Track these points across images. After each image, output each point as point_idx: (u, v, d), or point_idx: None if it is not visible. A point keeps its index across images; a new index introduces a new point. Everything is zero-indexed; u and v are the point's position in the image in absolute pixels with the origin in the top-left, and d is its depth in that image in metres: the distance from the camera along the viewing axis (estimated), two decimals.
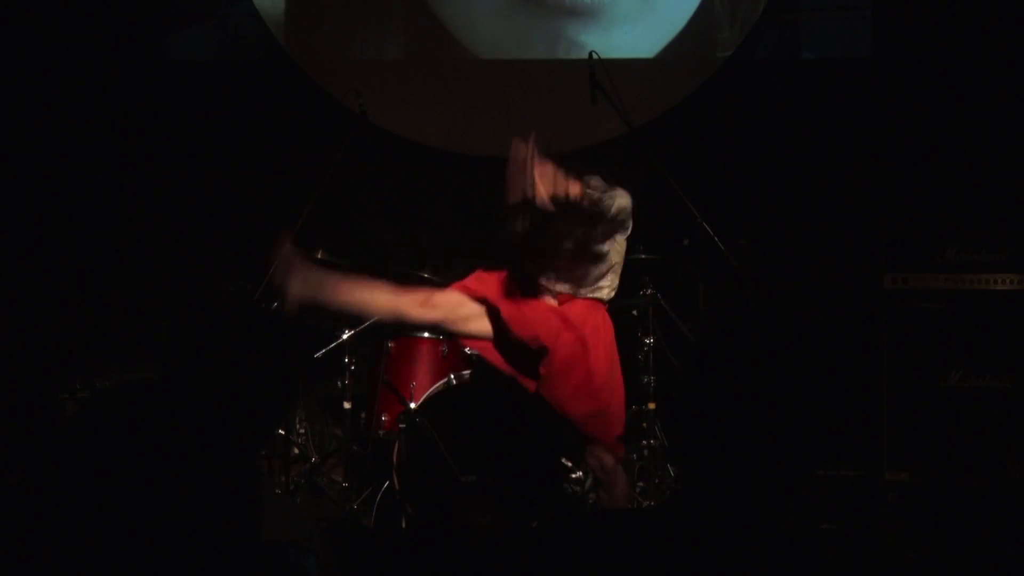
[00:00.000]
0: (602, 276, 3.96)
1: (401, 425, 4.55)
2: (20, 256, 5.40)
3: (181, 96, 5.82)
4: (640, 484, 4.87)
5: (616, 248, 3.95)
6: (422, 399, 4.65)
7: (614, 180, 3.91)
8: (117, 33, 5.79)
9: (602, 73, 4.45)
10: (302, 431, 5.32)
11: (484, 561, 1.91)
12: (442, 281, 4.87)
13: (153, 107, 5.82)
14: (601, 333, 3.92)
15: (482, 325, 3.91)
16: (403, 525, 4.34)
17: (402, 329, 4.79)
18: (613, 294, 4.02)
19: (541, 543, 1.52)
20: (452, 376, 4.65)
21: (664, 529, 1.47)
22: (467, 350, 4.64)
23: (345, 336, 4.87)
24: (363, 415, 4.88)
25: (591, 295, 3.96)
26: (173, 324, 5.20)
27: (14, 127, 5.55)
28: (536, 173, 3.36)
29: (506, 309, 3.83)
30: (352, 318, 4.94)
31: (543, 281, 3.93)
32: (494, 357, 3.95)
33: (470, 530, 1.95)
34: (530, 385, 3.91)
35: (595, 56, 4.44)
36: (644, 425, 4.91)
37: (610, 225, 3.73)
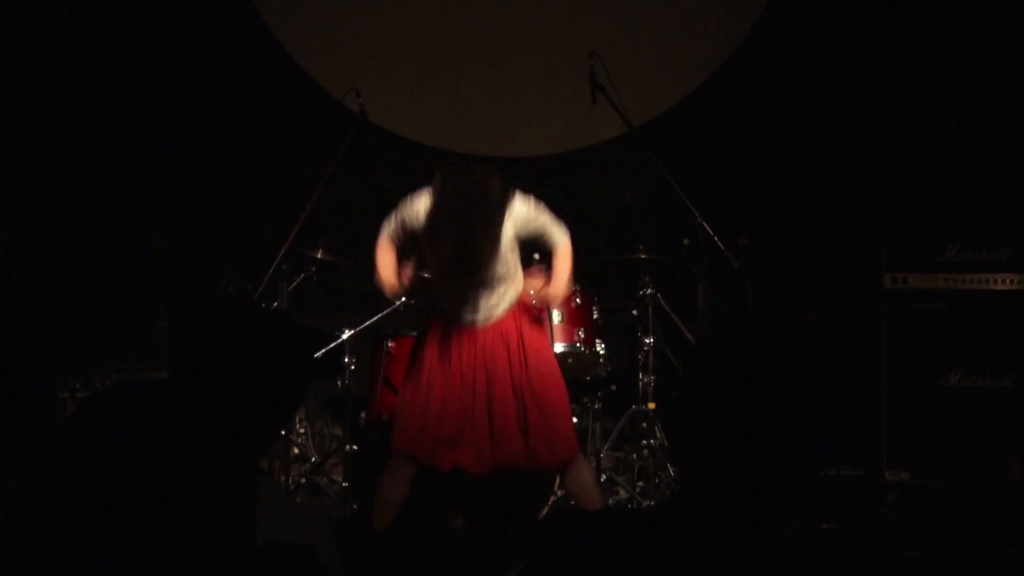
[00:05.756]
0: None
1: None
2: (20, 256, 5.40)
3: (181, 96, 5.82)
4: (640, 484, 4.87)
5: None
6: None
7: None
8: (116, 33, 5.79)
9: (602, 73, 4.45)
10: (302, 431, 5.32)
11: (459, 564, 1.90)
12: None
13: (153, 107, 5.82)
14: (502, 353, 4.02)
15: None
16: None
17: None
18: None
19: (540, 541, 1.52)
20: None
21: (664, 529, 1.47)
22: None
23: (345, 336, 4.87)
24: (363, 415, 4.88)
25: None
26: (176, 325, 5.20)
27: (14, 127, 5.55)
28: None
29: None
30: (352, 318, 4.95)
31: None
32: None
33: (444, 532, 1.94)
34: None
35: (595, 56, 4.44)
36: (644, 425, 4.90)
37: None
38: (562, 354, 4.65)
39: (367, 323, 4.92)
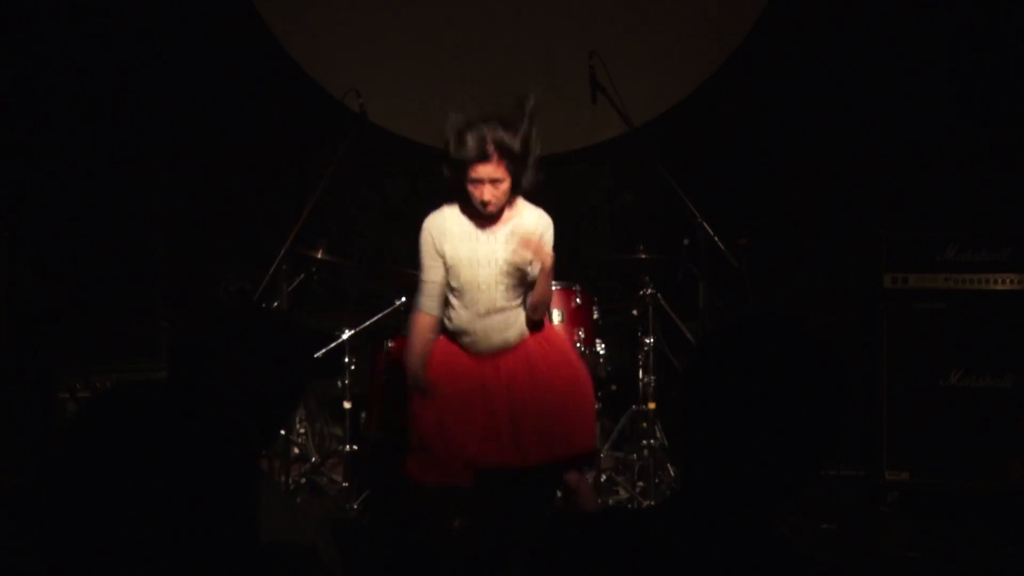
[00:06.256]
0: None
1: None
2: (20, 256, 5.40)
3: (181, 96, 5.82)
4: (640, 484, 4.87)
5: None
6: None
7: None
8: (116, 32, 5.78)
9: (603, 72, 4.46)
10: (302, 431, 5.32)
11: (458, 566, 1.90)
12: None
13: (153, 107, 5.82)
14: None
15: None
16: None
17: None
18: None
19: (541, 541, 1.52)
20: None
21: (664, 529, 1.47)
22: None
23: (345, 336, 4.87)
24: (363, 415, 4.88)
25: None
26: (176, 325, 5.20)
27: (14, 127, 5.55)
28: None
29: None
30: (352, 318, 4.95)
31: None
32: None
33: (443, 534, 1.94)
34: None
35: (595, 56, 4.45)
36: (644, 425, 4.91)
37: None
38: None
39: (367, 323, 4.92)
